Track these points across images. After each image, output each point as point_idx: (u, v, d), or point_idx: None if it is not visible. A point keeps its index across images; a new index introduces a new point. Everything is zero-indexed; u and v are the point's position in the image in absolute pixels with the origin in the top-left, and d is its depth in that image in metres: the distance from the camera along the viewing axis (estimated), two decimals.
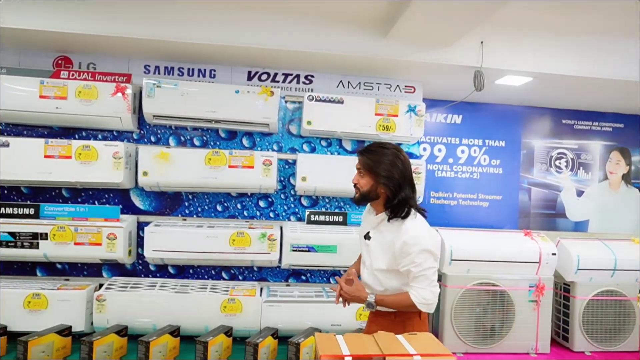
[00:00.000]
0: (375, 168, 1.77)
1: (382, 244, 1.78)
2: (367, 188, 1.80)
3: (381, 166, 1.77)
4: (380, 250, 1.79)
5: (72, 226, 2.68)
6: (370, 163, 1.79)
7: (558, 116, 4.06)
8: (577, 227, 4.09)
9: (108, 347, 2.49)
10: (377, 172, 1.77)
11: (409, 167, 1.80)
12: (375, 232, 1.84)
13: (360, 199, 1.84)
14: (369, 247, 1.84)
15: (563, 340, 3.50)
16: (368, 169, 1.79)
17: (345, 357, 1.29)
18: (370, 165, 1.79)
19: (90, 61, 3.00)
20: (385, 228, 1.80)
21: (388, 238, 1.77)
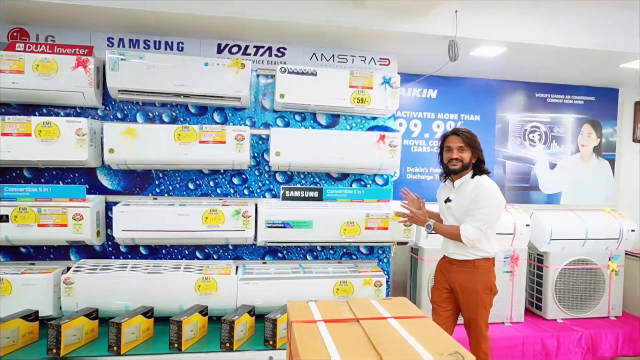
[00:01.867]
0: (473, 143, 2.38)
1: (464, 197, 2.36)
2: (468, 159, 2.38)
3: (475, 140, 2.39)
4: (463, 201, 2.36)
5: (34, 207, 2.55)
6: (469, 140, 2.37)
7: (531, 90, 4.09)
8: (550, 200, 4.16)
9: (77, 331, 2.40)
10: (475, 146, 2.39)
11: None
12: (456, 194, 2.42)
13: (462, 168, 2.37)
14: (451, 207, 2.43)
15: (536, 309, 3.59)
16: (469, 144, 2.37)
17: (317, 321, 1.26)
18: (470, 141, 2.37)
19: (48, 34, 2.83)
20: (466, 186, 2.38)
21: (469, 191, 2.35)
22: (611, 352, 3.30)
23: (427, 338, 1.16)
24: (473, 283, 2.35)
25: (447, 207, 2.46)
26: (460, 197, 2.39)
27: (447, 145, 2.42)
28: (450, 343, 1.14)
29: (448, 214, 2.47)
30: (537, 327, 3.32)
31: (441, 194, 2.57)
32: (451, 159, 2.38)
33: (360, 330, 1.23)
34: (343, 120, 3.09)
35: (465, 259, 2.37)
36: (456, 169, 2.38)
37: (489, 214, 2.29)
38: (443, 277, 2.49)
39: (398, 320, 1.28)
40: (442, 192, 2.57)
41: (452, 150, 2.38)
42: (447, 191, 2.50)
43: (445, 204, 2.48)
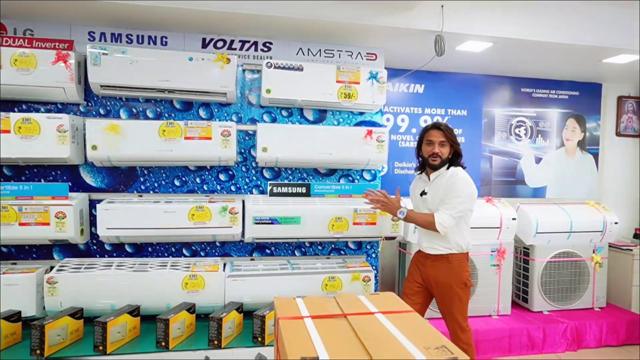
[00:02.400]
0: (454, 138, 2.42)
1: (439, 188, 2.39)
2: (447, 154, 2.40)
3: (454, 135, 2.43)
4: (438, 192, 2.38)
5: (15, 205, 2.49)
6: (451, 136, 2.40)
7: (517, 85, 4.12)
8: (535, 193, 4.21)
9: (62, 331, 2.36)
10: (454, 141, 2.42)
11: None
12: (431, 186, 2.44)
13: (441, 164, 2.40)
14: (426, 200, 2.44)
15: (523, 301, 3.64)
16: (450, 139, 2.40)
17: (305, 317, 1.25)
18: (451, 136, 2.41)
19: (26, 27, 2.76)
20: (441, 178, 2.40)
21: (444, 182, 2.37)
22: (595, 343, 3.36)
23: (414, 332, 1.16)
24: (447, 277, 2.38)
25: (423, 200, 2.47)
26: (435, 189, 2.42)
27: (428, 139, 2.42)
28: (437, 337, 1.14)
29: (423, 207, 2.48)
30: (524, 319, 3.36)
31: (416, 187, 2.57)
32: (433, 153, 2.39)
33: (347, 326, 1.22)
34: (330, 115, 3.08)
35: (439, 253, 2.39)
36: (436, 164, 2.40)
37: (463, 202, 2.32)
38: (417, 270, 2.51)
39: (385, 315, 1.28)
40: (417, 185, 2.58)
41: (433, 144, 2.39)
42: (422, 184, 2.52)
43: (420, 197, 2.49)
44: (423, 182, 2.51)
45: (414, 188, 2.61)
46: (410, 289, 2.51)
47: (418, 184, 2.57)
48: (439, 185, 2.40)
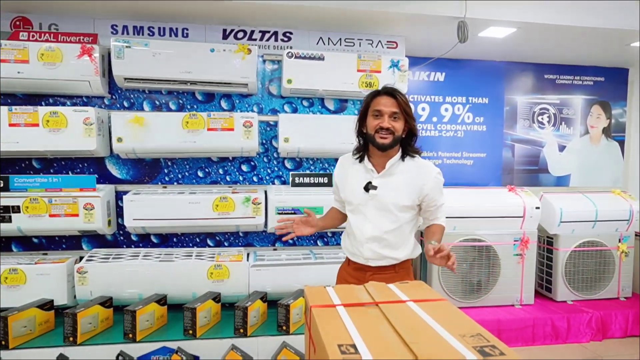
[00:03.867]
0: (409, 110, 1.76)
1: (402, 183, 1.78)
2: (401, 132, 1.76)
3: (410, 107, 1.78)
4: (403, 189, 1.78)
5: (45, 197, 2.56)
6: (406, 106, 1.75)
7: (540, 71, 4.03)
8: (559, 182, 4.14)
9: (93, 319, 2.43)
10: (410, 114, 1.77)
11: None
12: (384, 178, 1.79)
13: (393, 144, 1.75)
14: (377, 197, 1.78)
15: (546, 291, 3.60)
16: (405, 110, 1.74)
17: (337, 305, 1.25)
18: (407, 107, 1.75)
19: (51, 22, 2.80)
20: (400, 168, 1.80)
21: (407, 177, 1.78)
22: (621, 333, 3.31)
23: (448, 320, 1.16)
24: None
25: (370, 196, 1.78)
26: (395, 180, 1.78)
27: (376, 109, 1.75)
28: (472, 325, 1.14)
29: (370, 206, 1.79)
30: (547, 309, 3.33)
31: (354, 177, 1.85)
32: (381, 128, 1.72)
33: (380, 314, 1.23)
34: (351, 105, 3.06)
35: (384, 264, 1.81)
36: (386, 143, 1.73)
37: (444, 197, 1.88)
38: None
39: (417, 304, 1.28)
40: (352, 173, 1.86)
41: (382, 117, 1.73)
42: (364, 174, 1.82)
43: (365, 192, 1.79)
44: (366, 171, 1.82)
45: (347, 175, 1.88)
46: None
47: (357, 173, 1.84)
48: (402, 179, 1.78)
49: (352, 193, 1.85)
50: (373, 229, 1.79)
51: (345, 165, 1.92)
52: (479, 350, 0.98)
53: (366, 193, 1.79)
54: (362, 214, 1.82)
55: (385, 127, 1.72)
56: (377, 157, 1.80)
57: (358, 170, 1.85)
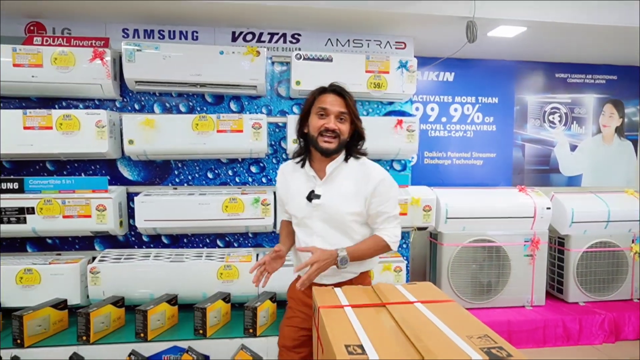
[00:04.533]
0: (356, 110, 1.62)
1: (348, 189, 1.60)
2: (347, 135, 1.61)
3: (356, 108, 1.63)
4: (350, 195, 1.60)
5: (59, 199, 2.61)
6: (353, 106, 1.60)
7: (551, 70, 3.99)
8: (570, 182, 4.09)
9: (105, 318, 2.47)
10: (357, 115, 1.62)
11: None
12: (326, 184, 1.62)
13: (339, 148, 1.59)
14: (322, 207, 1.60)
15: (557, 292, 3.56)
16: (354, 112, 1.60)
17: (345, 306, 1.26)
18: (355, 109, 1.60)
19: (64, 26, 2.85)
20: (344, 172, 1.63)
21: (353, 181, 1.61)
22: (635, 335, 3.26)
23: (456, 322, 1.16)
24: None
25: (314, 206, 1.62)
26: (339, 186, 1.61)
27: (321, 107, 1.58)
28: (479, 326, 1.14)
29: (315, 218, 1.62)
30: (559, 311, 3.29)
31: (297, 187, 1.68)
32: (326, 129, 1.56)
33: (388, 315, 1.23)
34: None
35: (339, 280, 1.65)
36: (330, 148, 1.57)
37: (397, 204, 1.69)
38: (303, 309, 1.72)
39: (425, 305, 1.29)
40: (295, 182, 1.69)
41: (328, 116, 1.57)
42: (307, 181, 1.66)
43: (308, 203, 1.62)
44: (308, 178, 1.66)
45: (289, 185, 1.71)
46: (290, 339, 1.71)
47: (298, 180, 1.68)
48: (347, 184, 1.61)
49: (296, 205, 1.67)
50: (322, 244, 1.60)
51: (287, 174, 1.74)
52: (486, 352, 0.99)
53: (310, 203, 1.61)
54: (308, 228, 1.64)
55: (331, 129, 1.56)
56: (320, 162, 1.63)
57: (300, 178, 1.68)
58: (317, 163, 1.65)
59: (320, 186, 1.63)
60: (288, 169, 1.75)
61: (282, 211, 1.84)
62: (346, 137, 1.61)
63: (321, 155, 1.60)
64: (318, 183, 1.63)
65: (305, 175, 1.67)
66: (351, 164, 1.65)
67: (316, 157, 1.64)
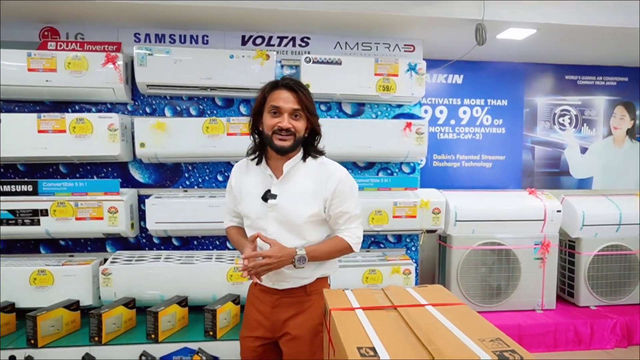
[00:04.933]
0: (312, 107, 1.55)
1: (305, 189, 1.56)
2: (302, 132, 1.55)
3: (313, 103, 1.57)
4: (307, 196, 1.56)
5: (72, 201, 2.64)
6: (308, 102, 1.53)
7: (561, 72, 3.97)
8: (581, 185, 4.06)
9: (117, 319, 2.49)
10: (313, 111, 1.56)
11: None
12: (283, 184, 1.57)
13: (294, 146, 1.53)
14: (277, 207, 1.56)
15: (568, 296, 3.53)
16: (307, 107, 1.53)
17: (356, 309, 1.27)
18: (309, 104, 1.54)
19: (77, 31, 2.89)
20: (302, 171, 1.58)
21: (311, 181, 1.57)
22: None
23: (467, 325, 1.16)
24: (308, 319, 1.59)
25: (270, 207, 1.56)
26: (296, 186, 1.57)
27: (274, 105, 1.52)
28: (491, 329, 1.14)
29: (270, 219, 1.57)
30: (570, 314, 3.27)
31: (252, 185, 1.62)
32: (280, 128, 1.51)
33: (399, 318, 1.24)
34: (368, 108, 3.08)
35: (292, 286, 1.59)
36: (285, 146, 1.52)
37: (358, 203, 1.65)
38: (259, 318, 1.65)
39: (436, 308, 1.29)
40: (251, 182, 1.63)
41: (282, 115, 1.52)
42: (262, 180, 1.61)
43: (263, 203, 1.57)
44: (264, 176, 1.61)
45: (243, 184, 1.65)
46: (248, 350, 1.67)
47: (253, 179, 1.63)
48: (305, 184, 1.57)
49: (249, 205, 1.60)
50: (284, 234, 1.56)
51: (241, 172, 1.67)
52: (499, 355, 0.99)
53: (265, 203, 1.56)
54: (262, 230, 1.57)
55: (284, 128, 1.50)
56: (276, 160, 1.58)
57: (255, 176, 1.62)
58: (274, 161, 1.60)
59: (276, 185, 1.58)
60: (242, 167, 1.70)
61: (232, 215, 1.77)
62: (302, 135, 1.56)
63: (277, 153, 1.56)
64: (274, 182, 1.58)
65: (260, 174, 1.62)
66: (309, 163, 1.60)
67: (272, 155, 1.59)
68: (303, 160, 1.60)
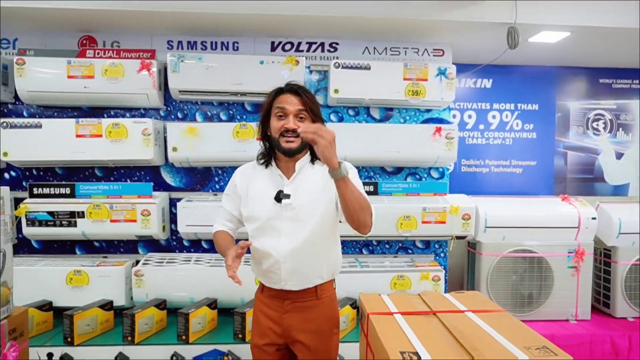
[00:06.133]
0: (317, 108, 1.61)
1: (317, 188, 1.61)
2: None
3: (317, 104, 1.63)
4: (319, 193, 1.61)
5: (107, 204, 2.72)
6: (312, 104, 1.59)
7: (595, 75, 3.86)
8: (616, 191, 3.93)
9: (149, 320, 2.54)
10: (318, 113, 1.61)
11: None
12: (294, 183, 1.62)
13: (301, 148, 1.59)
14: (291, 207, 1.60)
15: (604, 306, 3.41)
16: (312, 109, 1.59)
17: (394, 313, 1.26)
18: (313, 106, 1.60)
19: (114, 39, 2.99)
20: (310, 172, 1.64)
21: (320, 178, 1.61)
22: None
23: (511, 332, 1.14)
24: (318, 323, 1.62)
25: (284, 207, 1.60)
26: (304, 189, 1.61)
27: (279, 107, 1.60)
28: (536, 337, 1.11)
29: (284, 219, 1.61)
30: (606, 326, 3.15)
31: (260, 187, 1.66)
32: (286, 130, 1.57)
33: (439, 323, 1.22)
34: (397, 113, 3.06)
35: (305, 287, 1.62)
36: (293, 147, 1.57)
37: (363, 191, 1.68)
38: (269, 324, 1.67)
39: (476, 314, 1.26)
40: (260, 184, 1.67)
41: (287, 117, 1.58)
42: (271, 182, 1.65)
43: (276, 204, 1.61)
44: (273, 178, 1.66)
45: (250, 187, 1.68)
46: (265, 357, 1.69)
47: (260, 181, 1.67)
48: (315, 185, 1.61)
49: (260, 207, 1.63)
50: (290, 244, 1.58)
51: (247, 176, 1.71)
52: None
53: (277, 204, 1.59)
54: (274, 230, 1.60)
55: (290, 128, 1.56)
56: (285, 162, 1.64)
57: (262, 179, 1.66)
58: (283, 163, 1.66)
59: (288, 185, 1.62)
60: (247, 171, 1.74)
61: (225, 219, 1.80)
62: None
63: (284, 155, 1.61)
64: (285, 182, 1.62)
65: (269, 176, 1.66)
66: (317, 165, 1.65)
67: (281, 158, 1.65)
68: (311, 163, 1.66)
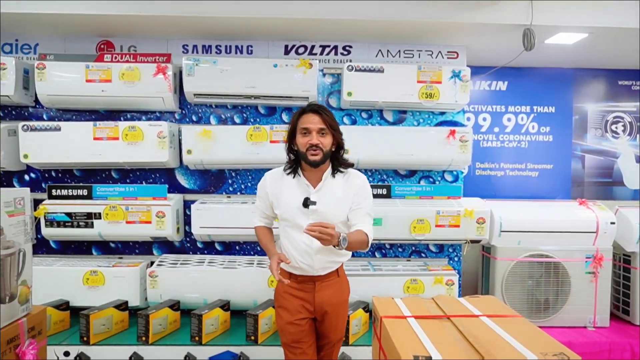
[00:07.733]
0: (335, 125, 1.89)
1: (338, 197, 1.89)
2: (329, 147, 1.87)
3: (336, 121, 1.91)
4: (340, 203, 1.90)
5: (123, 205, 2.76)
6: (331, 121, 1.87)
7: (613, 77, 3.79)
8: (636, 196, 3.84)
9: (163, 320, 2.57)
10: (336, 128, 1.89)
11: None
12: (320, 193, 1.88)
13: (324, 159, 1.86)
14: (318, 212, 1.85)
15: (623, 313, 3.32)
16: (332, 126, 1.86)
17: (408, 317, 1.25)
18: (332, 122, 1.87)
19: (131, 44, 3.04)
20: (332, 183, 1.91)
21: (340, 189, 1.91)
22: None
23: (527, 337, 1.12)
24: (341, 295, 1.96)
25: (311, 212, 1.85)
26: (331, 194, 1.89)
27: (303, 127, 1.85)
28: (553, 343, 1.09)
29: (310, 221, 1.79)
30: (625, 333, 3.07)
31: (289, 193, 1.91)
32: (311, 145, 1.83)
33: (453, 327, 1.21)
34: (410, 116, 3.05)
35: (329, 271, 1.92)
36: (317, 159, 1.84)
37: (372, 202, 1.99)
38: (302, 303, 1.90)
39: (491, 319, 1.25)
40: (289, 190, 1.92)
41: (310, 134, 1.84)
42: (298, 189, 1.91)
43: (304, 209, 1.85)
44: (300, 186, 1.91)
45: (281, 190, 1.93)
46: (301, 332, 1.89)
47: (289, 188, 1.92)
48: (336, 193, 1.89)
49: (289, 210, 1.90)
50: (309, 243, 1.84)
51: (277, 180, 1.98)
52: None
53: (304, 209, 1.85)
54: (300, 228, 1.81)
55: (314, 144, 1.82)
56: (310, 172, 1.91)
57: (290, 185, 1.93)
58: (308, 173, 1.92)
59: (314, 194, 1.88)
60: (277, 176, 2.00)
61: (262, 216, 2.08)
62: (329, 149, 1.88)
63: (310, 166, 1.87)
64: (312, 191, 1.89)
65: (296, 184, 1.93)
66: (337, 176, 1.94)
67: (306, 168, 1.91)
68: (332, 175, 1.93)
